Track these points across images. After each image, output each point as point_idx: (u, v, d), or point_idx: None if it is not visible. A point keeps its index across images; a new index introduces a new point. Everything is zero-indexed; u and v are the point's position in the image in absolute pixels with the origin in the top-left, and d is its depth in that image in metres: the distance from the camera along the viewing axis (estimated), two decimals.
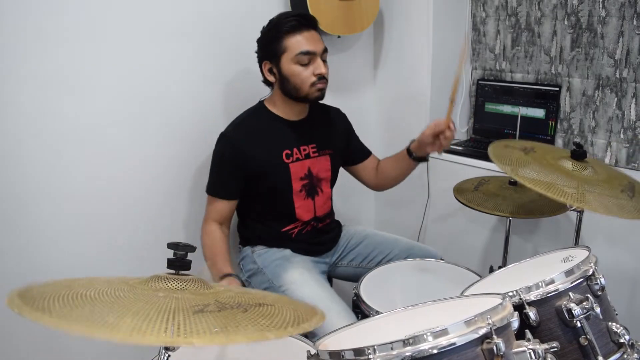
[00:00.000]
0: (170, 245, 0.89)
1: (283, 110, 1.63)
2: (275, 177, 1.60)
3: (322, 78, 1.55)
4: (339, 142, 1.77)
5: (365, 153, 1.85)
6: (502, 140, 1.50)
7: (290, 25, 1.51)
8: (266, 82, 1.63)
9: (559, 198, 1.19)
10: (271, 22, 1.57)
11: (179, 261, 0.89)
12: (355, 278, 1.62)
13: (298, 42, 1.52)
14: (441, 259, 1.73)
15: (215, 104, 1.85)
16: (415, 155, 1.70)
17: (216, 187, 1.61)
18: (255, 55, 1.61)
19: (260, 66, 1.60)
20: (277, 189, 1.61)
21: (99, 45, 1.57)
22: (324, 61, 1.58)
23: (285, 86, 1.57)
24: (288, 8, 1.95)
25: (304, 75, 1.53)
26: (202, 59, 1.80)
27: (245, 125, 1.61)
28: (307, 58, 1.52)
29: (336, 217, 1.84)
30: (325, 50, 1.57)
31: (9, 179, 1.49)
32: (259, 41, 1.60)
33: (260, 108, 1.66)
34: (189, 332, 0.68)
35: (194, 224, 1.73)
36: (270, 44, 1.55)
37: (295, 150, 1.63)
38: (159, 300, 0.77)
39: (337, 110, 1.82)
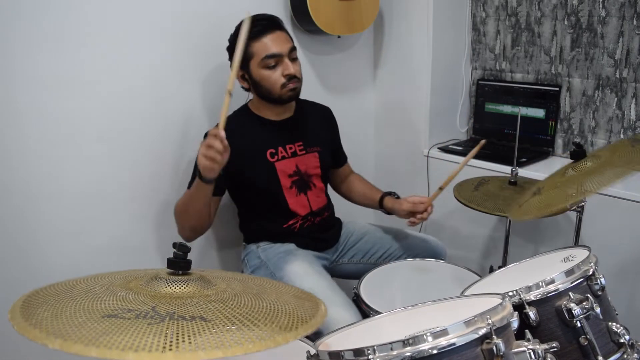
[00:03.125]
0: (174, 245, 0.90)
1: (266, 112, 1.64)
2: (261, 176, 1.60)
3: (293, 77, 1.56)
4: (327, 141, 1.77)
5: (343, 160, 1.87)
6: (516, 204, 1.50)
7: (255, 31, 1.50)
8: (244, 88, 1.63)
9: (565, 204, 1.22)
10: (236, 29, 1.56)
11: (179, 261, 0.89)
12: (357, 275, 1.63)
13: (263, 46, 1.52)
14: (441, 257, 1.73)
15: (216, 105, 1.85)
16: (386, 209, 1.75)
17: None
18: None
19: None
20: (266, 187, 1.62)
21: (96, 46, 1.57)
22: (294, 59, 1.57)
23: (258, 90, 1.58)
24: (287, 8, 1.96)
25: (273, 78, 1.54)
26: (202, 60, 1.79)
27: (229, 125, 1.60)
28: (273, 61, 1.52)
29: (336, 215, 1.84)
30: (292, 49, 1.56)
31: (8, 179, 1.49)
32: (228, 49, 1.60)
33: (243, 110, 1.67)
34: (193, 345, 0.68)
35: None
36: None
37: (280, 149, 1.63)
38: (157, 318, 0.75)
39: (327, 109, 1.83)
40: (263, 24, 1.53)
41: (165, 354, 0.63)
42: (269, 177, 1.61)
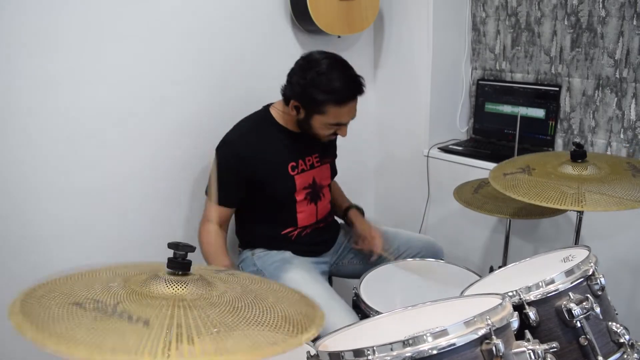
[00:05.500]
0: (171, 245, 0.89)
1: (290, 123, 1.61)
2: (279, 188, 1.60)
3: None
4: (334, 150, 1.80)
5: (334, 173, 1.84)
6: (497, 168, 1.51)
7: (338, 98, 1.47)
8: (284, 95, 1.57)
9: (569, 207, 1.23)
10: (320, 73, 1.47)
11: (179, 261, 0.89)
12: (357, 275, 1.62)
13: (338, 114, 1.51)
14: (440, 258, 1.73)
15: (217, 106, 1.85)
16: (347, 220, 1.80)
17: (217, 194, 1.59)
18: (287, 81, 1.55)
19: (287, 96, 1.54)
20: (280, 198, 1.62)
21: (102, 46, 1.57)
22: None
23: (303, 126, 1.57)
24: (288, 8, 1.96)
25: (326, 134, 1.57)
26: (205, 61, 1.80)
27: (250, 134, 1.59)
28: (337, 126, 1.55)
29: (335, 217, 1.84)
30: (354, 116, 1.57)
31: (10, 179, 1.49)
32: (298, 82, 1.50)
33: (265, 116, 1.63)
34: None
35: (194, 224, 1.73)
36: (310, 96, 1.48)
37: (300, 162, 1.62)
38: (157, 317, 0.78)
39: None
40: (349, 93, 1.49)
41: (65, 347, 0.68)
42: (287, 190, 1.61)
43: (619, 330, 1.04)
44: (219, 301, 0.85)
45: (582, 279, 1.05)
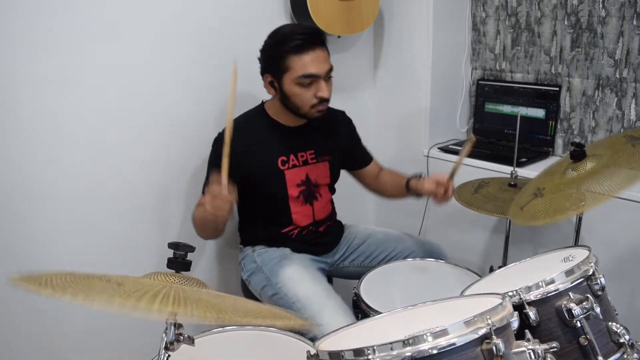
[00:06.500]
0: (171, 245, 0.90)
1: (282, 117, 1.61)
2: (269, 183, 1.59)
3: (324, 100, 1.52)
4: (340, 148, 1.74)
5: (367, 160, 1.83)
6: (513, 205, 1.49)
7: (295, 45, 1.45)
8: (266, 85, 1.59)
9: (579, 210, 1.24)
10: (276, 34, 1.52)
11: (179, 261, 0.89)
12: (357, 276, 1.62)
13: (302, 64, 1.46)
14: (442, 259, 1.73)
15: (214, 105, 1.85)
16: (412, 191, 1.68)
17: (205, 184, 1.59)
18: (257, 60, 1.57)
19: (262, 76, 1.56)
20: (272, 194, 1.61)
21: (100, 46, 1.57)
22: (329, 78, 1.53)
23: (285, 102, 1.54)
24: (288, 8, 1.95)
25: (305, 97, 1.50)
26: (202, 60, 1.79)
27: (242, 129, 1.57)
28: (309, 80, 1.48)
29: (337, 217, 1.84)
30: (330, 70, 1.52)
31: (9, 179, 1.49)
32: (262, 52, 1.55)
33: (259, 111, 1.64)
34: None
35: None
36: (273, 59, 1.50)
37: (291, 156, 1.61)
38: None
39: (342, 113, 1.79)
40: (305, 38, 1.46)
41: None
42: (277, 185, 1.59)
43: (619, 331, 1.04)
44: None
45: (582, 279, 1.05)
